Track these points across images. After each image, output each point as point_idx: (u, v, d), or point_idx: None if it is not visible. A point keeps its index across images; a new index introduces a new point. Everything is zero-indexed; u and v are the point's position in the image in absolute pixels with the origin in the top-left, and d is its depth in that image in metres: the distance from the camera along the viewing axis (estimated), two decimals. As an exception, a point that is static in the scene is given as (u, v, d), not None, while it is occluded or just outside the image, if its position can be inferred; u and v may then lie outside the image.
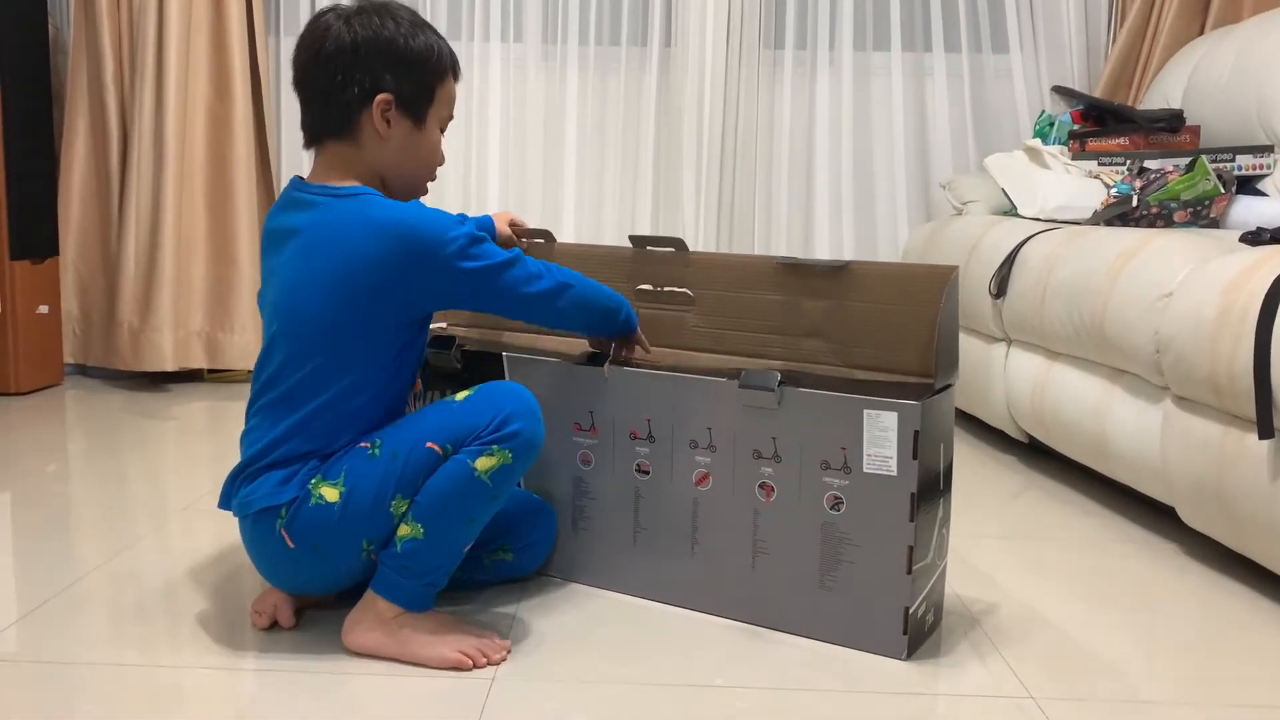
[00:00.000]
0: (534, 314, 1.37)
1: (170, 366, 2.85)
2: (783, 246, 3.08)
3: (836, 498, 1.30)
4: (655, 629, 1.37)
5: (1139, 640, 1.38)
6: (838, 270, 1.39)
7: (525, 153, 3.06)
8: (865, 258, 3.10)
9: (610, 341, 1.47)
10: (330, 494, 1.24)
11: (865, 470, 1.27)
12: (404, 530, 1.24)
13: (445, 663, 1.23)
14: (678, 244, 1.53)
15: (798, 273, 1.43)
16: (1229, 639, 1.38)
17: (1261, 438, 1.37)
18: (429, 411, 1.31)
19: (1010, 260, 2.15)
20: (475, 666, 1.24)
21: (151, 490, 1.99)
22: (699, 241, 3.02)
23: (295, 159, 3.04)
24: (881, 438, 1.26)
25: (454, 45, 1.38)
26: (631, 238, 1.57)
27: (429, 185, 1.39)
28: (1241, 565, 1.59)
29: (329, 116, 1.30)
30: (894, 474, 1.26)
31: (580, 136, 3.05)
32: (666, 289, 1.53)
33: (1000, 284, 2.17)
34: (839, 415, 1.28)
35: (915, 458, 1.24)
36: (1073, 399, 1.95)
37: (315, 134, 1.33)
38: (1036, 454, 2.28)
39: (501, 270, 1.30)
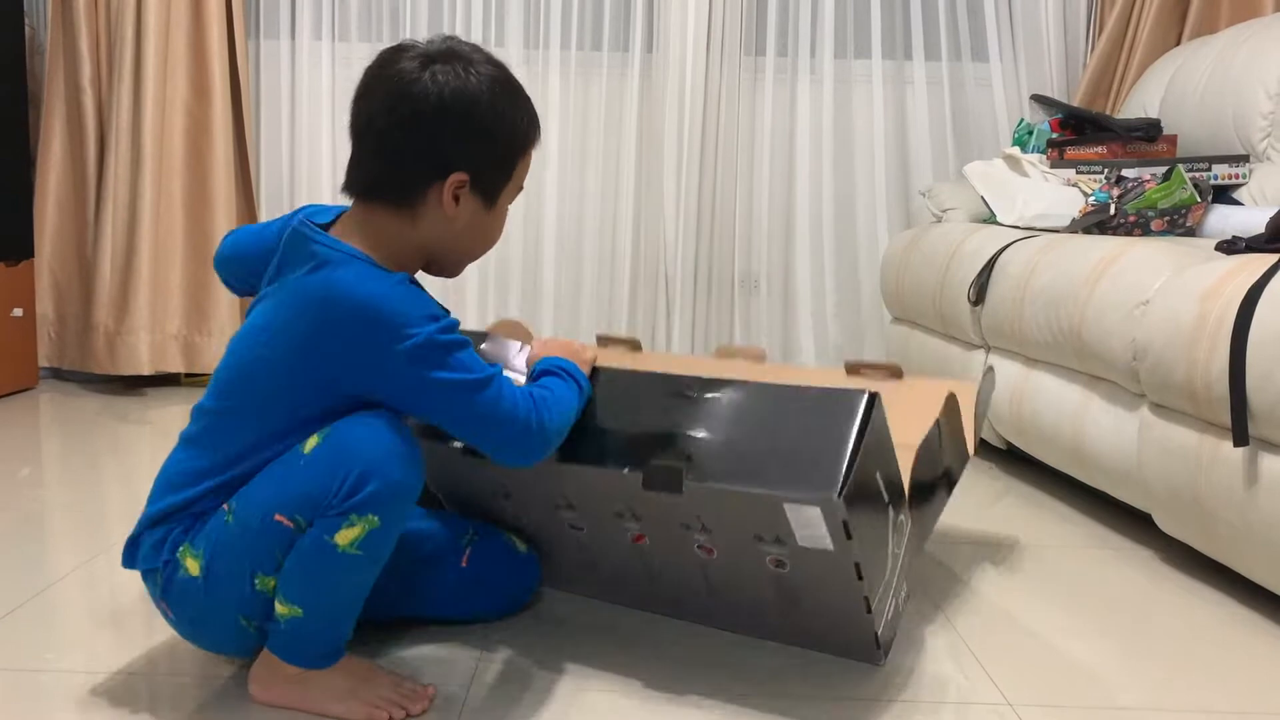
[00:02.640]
0: (519, 449, 1.15)
1: (146, 370, 2.83)
2: (763, 253, 3.09)
3: (779, 559, 1.21)
4: (627, 638, 1.36)
5: (1115, 646, 1.38)
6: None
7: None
8: (845, 264, 3.11)
9: None
10: (193, 566, 1.12)
11: (800, 545, 1.17)
12: (281, 610, 1.10)
13: (358, 718, 1.12)
14: (757, 354, 1.59)
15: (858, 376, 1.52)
16: (1205, 645, 1.39)
17: (1237, 445, 1.38)
18: (277, 468, 1.10)
19: (989, 267, 2.16)
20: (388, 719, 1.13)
21: (126, 495, 1.97)
22: (679, 247, 3.02)
23: (274, 161, 3.03)
24: (809, 522, 1.13)
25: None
26: (719, 348, 1.63)
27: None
28: (1217, 571, 1.60)
29: (389, 182, 1.13)
30: (831, 549, 1.15)
31: (562, 141, 3.05)
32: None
33: (979, 291, 2.18)
34: (758, 507, 1.15)
35: (850, 537, 1.13)
36: (1051, 405, 1.96)
37: (367, 193, 1.14)
38: (1014, 460, 2.28)
39: (461, 376, 1.09)
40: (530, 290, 3.08)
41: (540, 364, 1.26)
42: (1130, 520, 1.86)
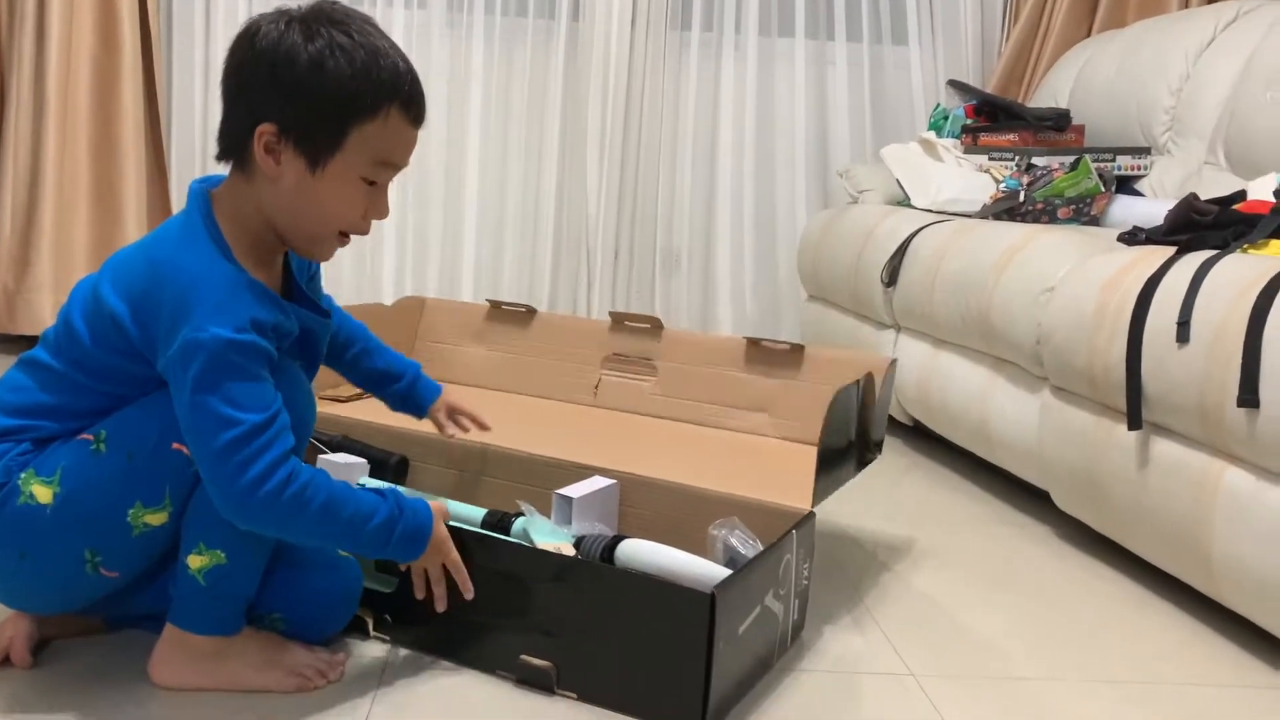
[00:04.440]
0: (230, 506, 1.01)
1: (48, 329, 2.73)
2: (685, 228, 3.11)
3: None
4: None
5: (1015, 619, 1.44)
6: (793, 351, 1.67)
7: (428, 122, 2.99)
8: (764, 242, 3.14)
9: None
10: (42, 493, 1.04)
11: None
12: (198, 562, 1.06)
13: (288, 688, 1.10)
14: (654, 321, 1.78)
15: (758, 350, 1.69)
16: (1099, 618, 1.46)
17: (1131, 429, 1.45)
18: (160, 396, 1.05)
19: (902, 250, 2.21)
20: (315, 688, 1.11)
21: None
22: (600, 219, 3.03)
23: (186, 112, 2.94)
24: None
25: (356, 8, 1.17)
26: (611, 313, 1.82)
27: (344, 242, 1.13)
28: (1110, 548, 1.68)
29: (222, 136, 1.09)
30: None
31: (484, 108, 3.02)
32: (637, 357, 1.78)
33: (892, 273, 2.23)
34: None
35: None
36: (957, 386, 2.02)
37: (219, 154, 1.10)
38: (921, 437, 2.35)
39: (218, 405, 0.99)
40: (450, 258, 3.05)
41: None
42: (1030, 498, 1.94)
